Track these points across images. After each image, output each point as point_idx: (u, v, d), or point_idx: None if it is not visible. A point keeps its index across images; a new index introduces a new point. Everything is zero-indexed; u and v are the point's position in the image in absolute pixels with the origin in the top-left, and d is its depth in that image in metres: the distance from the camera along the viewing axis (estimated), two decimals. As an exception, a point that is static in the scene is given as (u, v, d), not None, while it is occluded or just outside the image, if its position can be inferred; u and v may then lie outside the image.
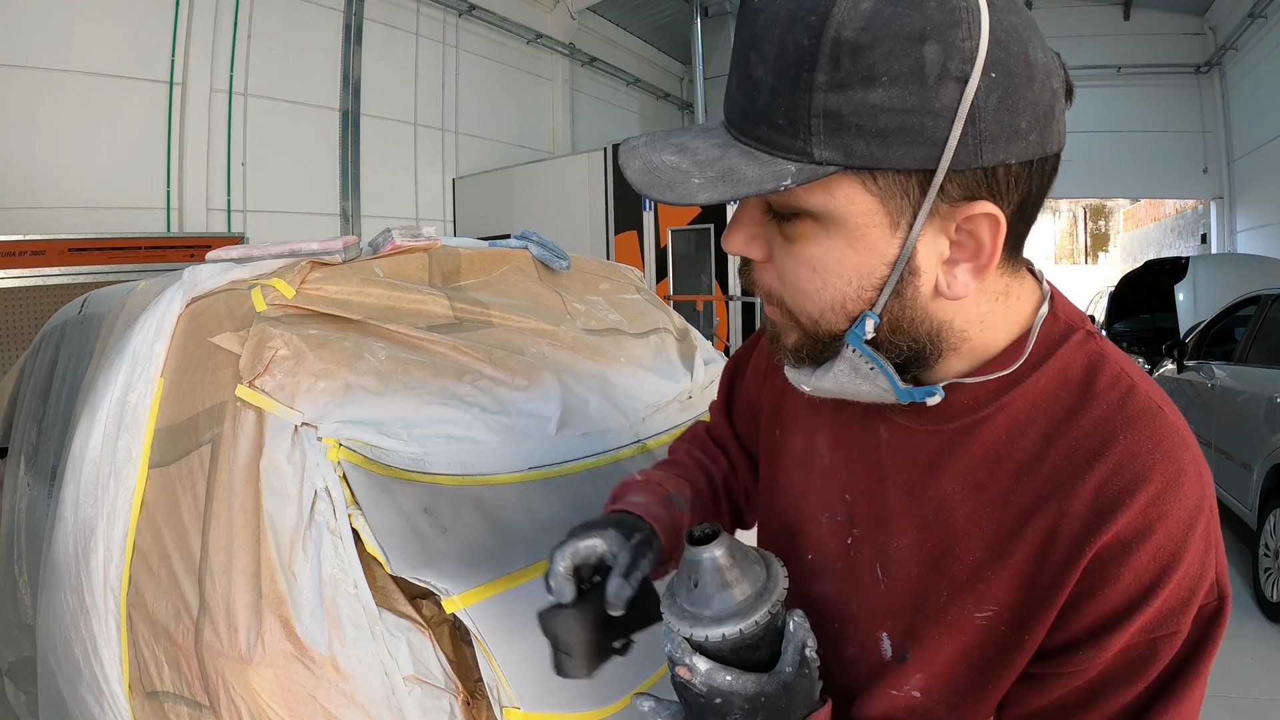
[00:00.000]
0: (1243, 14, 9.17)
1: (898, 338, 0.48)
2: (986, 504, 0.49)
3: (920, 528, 0.52)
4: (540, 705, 0.92)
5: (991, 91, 0.40)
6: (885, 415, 0.55)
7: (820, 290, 0.47)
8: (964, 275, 0.45)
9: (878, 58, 0.39)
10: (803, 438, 0.63)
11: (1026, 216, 0.46)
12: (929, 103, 0.39)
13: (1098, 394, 0.47)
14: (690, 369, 1.59)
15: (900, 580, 0.53)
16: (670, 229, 7.25)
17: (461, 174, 8.99)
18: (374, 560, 0.90)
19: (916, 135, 0.40)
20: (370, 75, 7.69)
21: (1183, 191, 11.58)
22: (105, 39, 5.69)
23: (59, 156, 5.50)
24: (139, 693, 0.97)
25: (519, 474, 1.06)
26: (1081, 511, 0.45)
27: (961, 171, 0.41)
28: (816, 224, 0.45)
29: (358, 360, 1.04)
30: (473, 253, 1.41)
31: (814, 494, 0.60)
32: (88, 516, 1.05)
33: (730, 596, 0.48)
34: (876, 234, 0.44)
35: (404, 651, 0.89)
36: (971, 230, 0.44)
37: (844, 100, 0.40)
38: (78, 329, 1.60)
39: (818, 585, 0.59)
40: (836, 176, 0.42)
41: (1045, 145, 0.43)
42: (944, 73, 0.39)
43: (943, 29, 0.39)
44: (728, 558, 0.49)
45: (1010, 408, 0.49)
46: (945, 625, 0.50)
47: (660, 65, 12.77)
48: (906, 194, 0.42)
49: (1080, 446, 0.46)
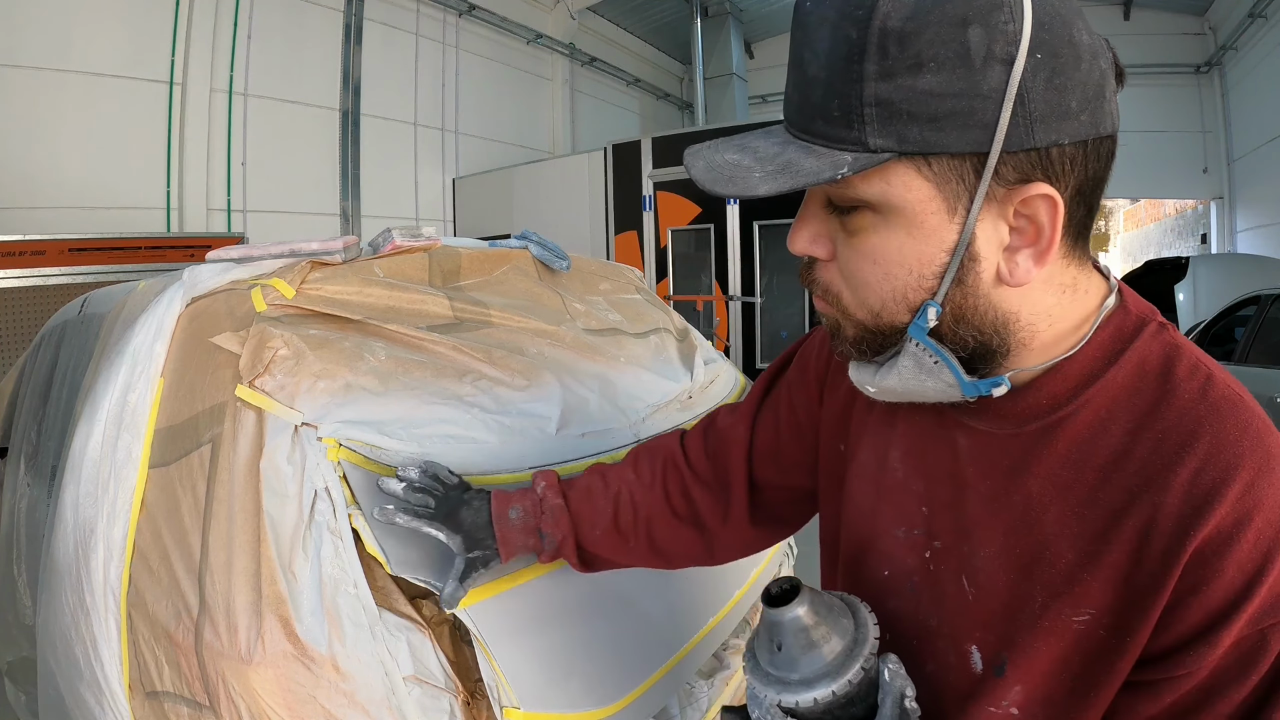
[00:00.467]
0: (1243, 14, 9.17)
1: (962, 329, 0.47)
2: (1075, 504, 0.47)
3: (1007, 534, 0.50)
4: (540, 705, 0.92)
5: (1038, 72, 0.40)
6: (962, 423, 0.53)
7: (883, 281, 0.47)
8: (1025, 261, 0.45)
9: (924, 44, 0.40)
10: (873, 451, 0.61)
11: (1087, 201, 0.46)
12: (977, 85, 0.40)
13: (1178, 385, 0.46)
14: (690, 369, 1.59)
15: (989, 589, 0.51)
16: (670, 229, 7.25)
17: (461, 174, 8.99)
18: (374, 560, 0.90)
19: (967, 118, 0.41)
20: (370, 75, 7.69)
21: (1183, 191, 11.58)
22: (105, 39, 5.69)
23: (59, 156, 5.50)
24: (139, 693, 0.97)
25: (519, 474, 1.06)
26: (1176, 505, 0.44)
27: (1015, 153, 0.42)
28: (876, 215, 0.46)
29: (358, 360, 1.04)
30: (473, 253, 1.41)
31: (888, 508, 0.59)
32: (88, 516, 1.05)
33: (819, 656, 0.46)
34: (935, 220, 0.45)
35: (404, 651, 0.89)
36: (1030, 214, 0.44)
37: (894, 88, 0.41)
38: (78, 329, 1.60)
39: (893, 601, 0.58)
40: (892, 164, 0.43)
41: (1098, 125, 0.43)
42: (989, 55, 0.40)
43: (984, 13, 0.40)
44: (811, 615, 0.47)
45: (1090, 405, 0.48)
46: (1043, 632, 0.48)
47: (660, 65, 12.77)
48: (962, 178, 0.43)
49: (1167, 439, 0.45)
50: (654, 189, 7.29)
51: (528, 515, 0.82)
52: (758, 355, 6.91)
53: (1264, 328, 3.69)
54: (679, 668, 1.15)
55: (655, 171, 7.25)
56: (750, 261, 6.74)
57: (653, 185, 7.28)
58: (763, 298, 6.84)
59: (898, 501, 0.58)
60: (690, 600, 1.24)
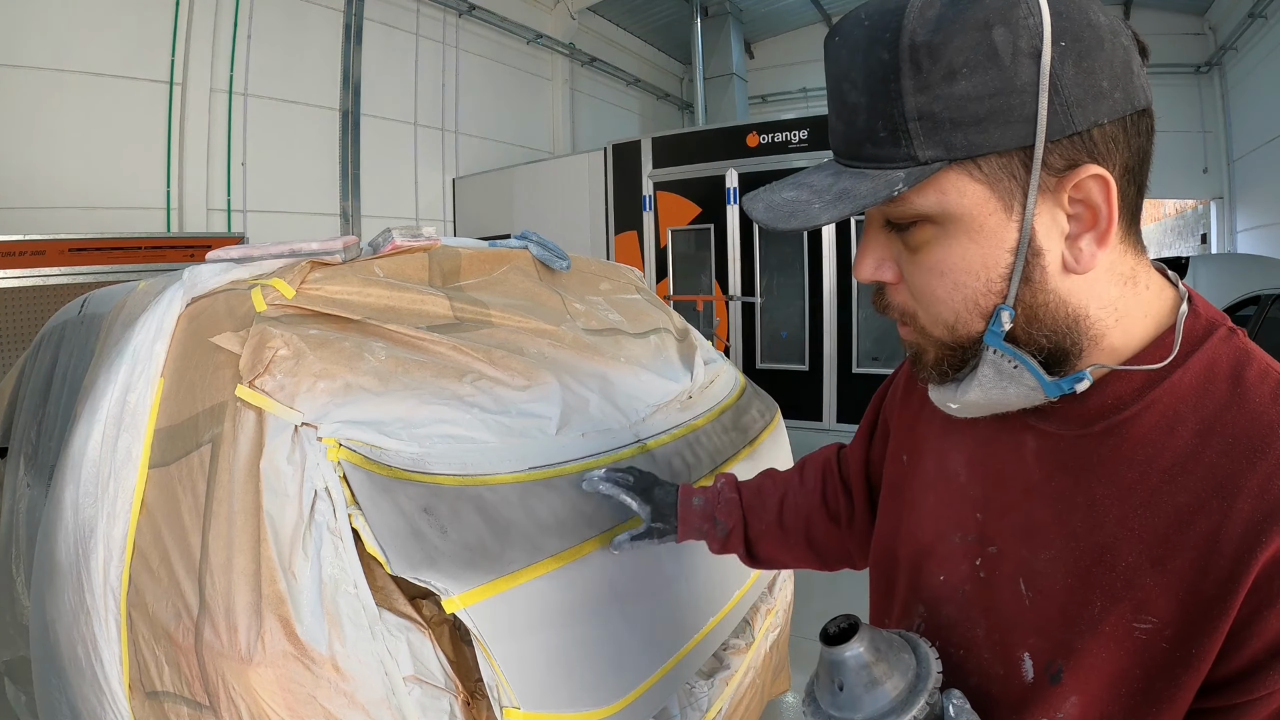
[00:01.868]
0: (1243, 14, 9.16)
1: (1035, 330, 0.48)
2: (1137, 506, 0.46)
3: (1069, 536, 0.49)
4: (540, 705, 0.92)
5: (1066, 59, 0.42)
6: (1030, 425, 0.53)
7: (952, 292, 0.48)
8: (1089, 245, 0.45)
9: (953, 52, 0.42)
10: (934, 459, 0.61)
11: (1135, 179, 0.46)
12: (1011, 82, 0.42)
13: (1249, 388, 0.45)
14: (690, 369, 1.59)
15: (1047, 594, 0.50)
16: (670, 229, 7.25)
17: (461, 174, 8.98)
18: (374, 560, 0.90)
19: (1007, 115, 0.42)
20: (370, 75, 7.69)
21: (1183, 191, 11.57)
22: (105, 39, 5.69)
23: (59, 156, 5.49)
24: (139, 693, 0.97)
25: (519, 474, 1.06)
26: (1246, 512, 0.42)
27: (1059, 141, 0.43)
28: (935, 227, 0.47)
29: (358, 360, 1.04)
30: (473, 253, 1.41)
31: (947, 514, 0.59)
32: (88, 516, 1.05)
33: (883, 693, 0.45)
34: (994, 221, 0.45)
35: (404, 651, 0.89)
36: (1084, 198, 0.44)
37: (933, 99, 0.43)
38: (78, 329, 1.59)
39: (948, 608, 0.57)
40: (944, 172, 0.44)
41: (1133, 100, 0.44)
42: (1017, 51, 0.42)
43: (1004, 12, 0.42)
44: (872, 652, 0.46)
45: (1157, 404, 0.47)
46: (1102, 638, 0.46)
47: (660, 65, 12.76)
48: (1013, 175, 0.44)
49: (1237, 444, 0.44)
50: (654, 189, 7.28)
51: (707, 504, 0.94)
52: (758, 355, 6.90)
53: (1264, 328, 3.69)
54: (679, 668, 1.15)
55: (655, 171, 7.25)
56: (750, 261, 6.73)
57: (653, 185, 7.28)
58: (763, 298, 6.84)
59: (956, 507, 0.58)
60: (690, 601, 1.24)
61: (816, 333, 6.51)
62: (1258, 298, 3.96)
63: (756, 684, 1.53)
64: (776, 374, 6.63)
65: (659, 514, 0.96)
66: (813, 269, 6.39)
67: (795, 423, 6.26)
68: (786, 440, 1.81)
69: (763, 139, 6.57)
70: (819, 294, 6.44)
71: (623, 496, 0.96)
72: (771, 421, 1.76)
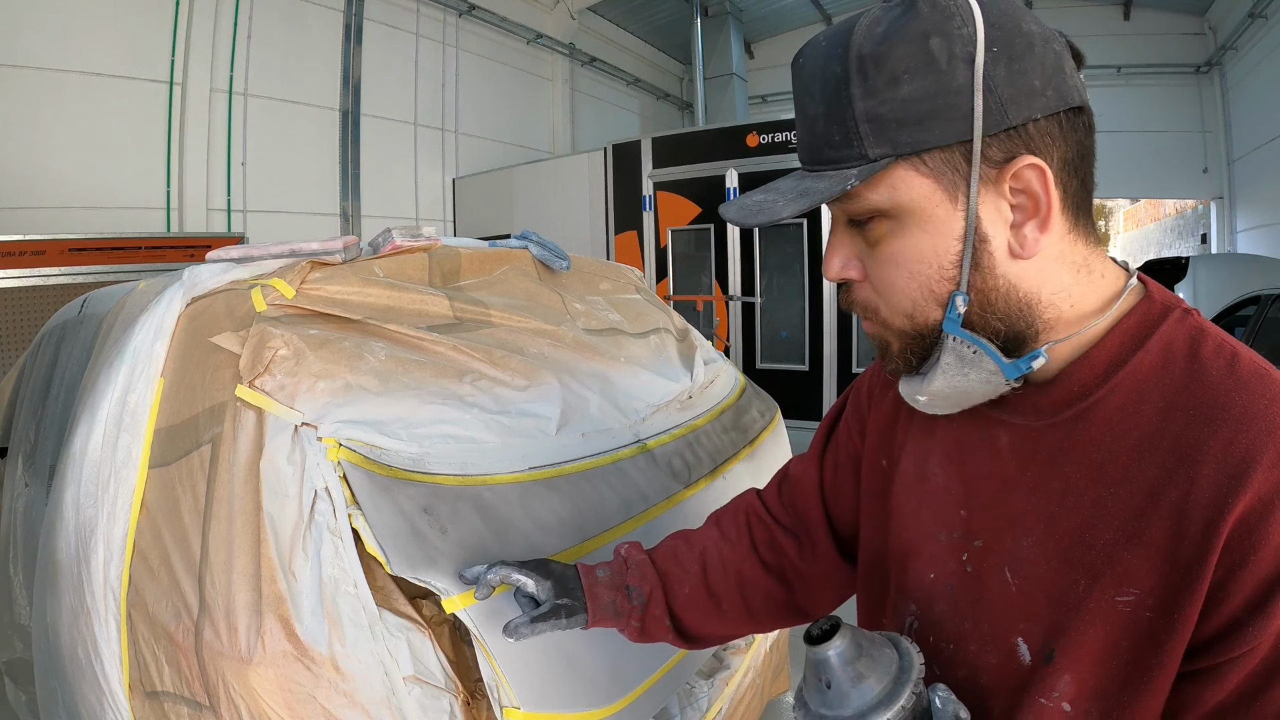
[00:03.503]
0: (1243, 14, 9.16)
1: (989, 314, 0.51)
2: (1111, 485, 0.49)
3: (1048, 521, 0.52)
4: (540, 705, 0.92)
5: (998, 61, 0.46)
6: (1001, 420, 0.56)
7: (909, 281, 0.52)
8: (1031, 231, 0.49)
9: (895, 60, 0.47)
10: (914, 461, 0.64)
11: (1078, 173, 0.50)
12: (948, 84, 0.47)
13: (1205, 364, 0.48)
14: (690, 369, 1.59)
15: (1032, 579, 0.52)
16: (670, 229, 7.25)
17: (461, 174, 8.98)
18: (374, 560, 0.90)
19: (946, 113, 0.47)
20: (370, 75, 7.69)
21: (1183, 191, 11.57)
22: (105, 39, 5.69)
23: (59, 156, 5.49)
24: (139, 692, 0.97)
25: (519, 474, 1.06)
26: (1211, 477, 0.45)
27: (996, 135, 0.47)
28: (890, 220, 0.51)
29: (358, 360, 1.04)
30: (473, 253, 1.41)
31: (930, 514, 0.61)
32: (88, 517, 1.05)
33: (868, 688, 0.47)
34: (941, 211, 0.49)
35: (404, 651, 0.89)
36: (1023, 187, 0.48)
37: (879, 102, 0.48)
38: (78, 329, 1.59)
39: (940, 605, 0.59)
40: (893, 168, 0.49)
41: (1066, 98, 0.48)
42: (952, 56, 0.46)
43: (940, 24, 0.47)
44: (854, 649, 0.48)
45: (1121, 387, 0.50)
46: (1088, 615, 0.49)
47: (660, 65, 12.76)
48: (955, 168, 0.48)
49: (1198, 414, 0.47)
50: (654, 189, 7.28)
51: (614, 574, 0.81)
52: (758, 355, 6.90)
53: (1264, 328, 3.68)
54: (679, 668, 1.15)
55: (655, 171, 7.25)
56: (750, 261, 6.73)
57: (653, 185, 7.28)
58: (763, 298, 6.84)
59: (938, 506, 0.60)
60: (690, 600, 1.24)
61: (816, 333, 6.50)
62: (1258, 298, 3.96)
63: (756, 684, 1.53)
64: (776, 374, 6.63)
65: (562, 589, 0.79)
66: (813, 269, 6.39)
67: (795, 423, 6.25)
68: (786, 440, 1.81)
69: (763, 139, 6.57)
70: (819, 294, 6.44)
71: (515, 575, 0.79)
72: (771, 421, 1.76)
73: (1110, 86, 10.68)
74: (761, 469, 1.57)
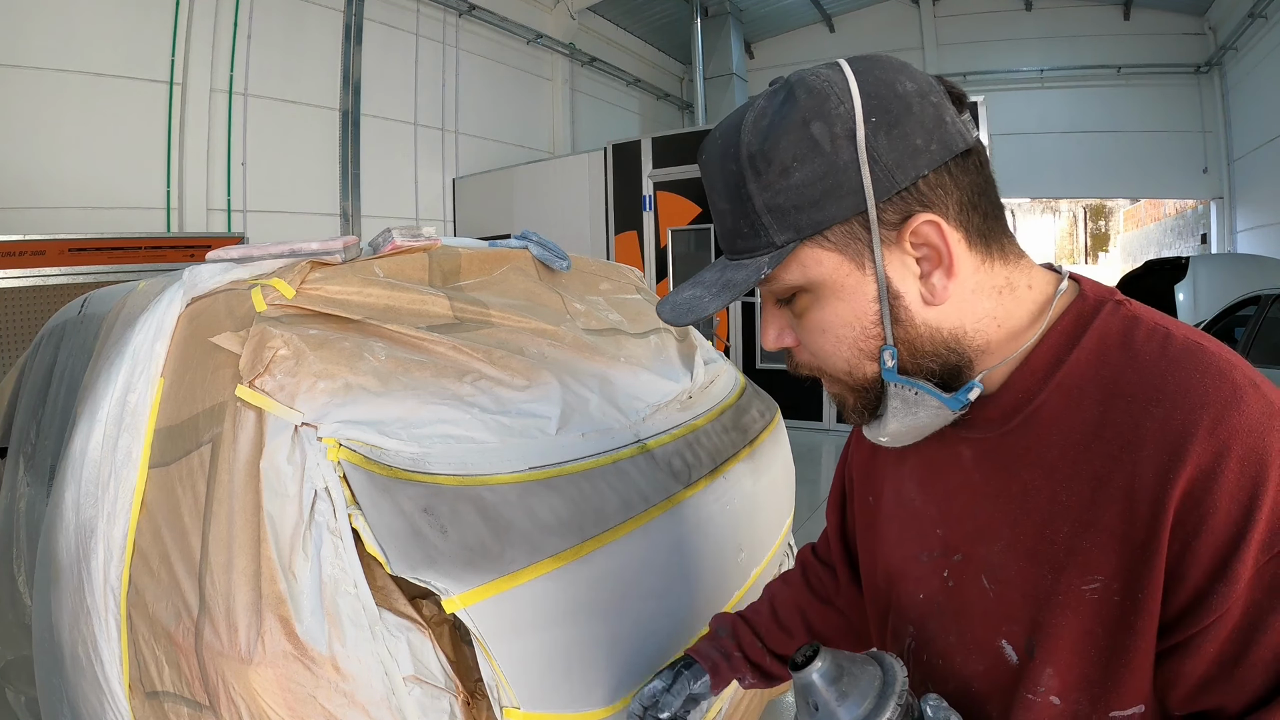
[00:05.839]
0: (1243, 14, 9.16)
1: (920, 358, 0.54)
2: (1063, 479, 0.50)
3: (1012, 524, 0.54)
4: (540, 705, 0.92)
5: (879, 131, 0.49)
6: (963, 437, 0.58)
7: (838, 345, 0.55)
8: (940, 279, 0.52)
9: (782, 152, 0.50)
10: (892, 490, 0.67)
11: (981, 209, 0.52)
12: (834, 163, 0.49)
13: (1138, 349, 0.50)
14: (690, 369, 1.59)
15: (1006, 582, 0.54)
16: (670, 229, 7.25)
17: (461, 174, 8.99)
18: (374, 560, 0.90)
19: (838, 191, 0.50)
20: (370, 75, 7.69)
21: (1183, 191, 11.57)
22: (105, 39, 5.69)
23: (59, 156, 5.49)
24: (139, 692, 0.97)
25: (519, 474, 1.06)
26: (1153, 457, 0.46)
27: (890, 200, 0.50)
28: (809, 294, 0.55)
29: (358, 360, 1.04)
30: (473, 253, 1.41)
31: (910, 537, 0.63)
32: (88, 517, 1.05)
33: (854, 705, 0.49)
34: (852, 280, 0.53)
35: (404, 651, 0.89)
36: (923, 241, 0.51)
37: (775, 194, 0.51)
38: (78, 329, 1.59)
39: (933, 622, 0.61)
40: (800, 249, 0.52)
41: (950, 148, 0.50)
42: (834, 137, 0.49)
43: (817, 108, 0.49)
44: (835, 669, 0.50)
45: (1061, 386, 0.52)
46: (1059, 608, 0.50)
47: (660, 65, 12.76)
48: (857, 237, 0.51)
49: (1135, 399, 0.48)
50: (654, 189, 7.28)
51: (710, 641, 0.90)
52: (757, 355, 6.90)
53: (1264, 328, 3.68)
54: (679, 668, 1.15)
55: (655, 171, 7.25)
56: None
57: (653, 185, 7.28)
58: (763, 298, 6.83)
59: (917, 529, 0.63)
60: (690, 600, 1.24)
61: (816, 333, 6.49)
62: (1258, 298, 3.96)
63: (756, 684, 1.53)
64: (776, 374, 6.63)
65: None
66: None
67: (795, 423, 6.25)
68: (786, 440, 1.81)
69: (763, 139, 6.56)
70: (819, 294, 6.43)
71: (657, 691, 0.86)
72: (771, 421, 1.76)
73: (1110, 86, 10.69)
74: (761, 469, 1.57)
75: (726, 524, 1.36)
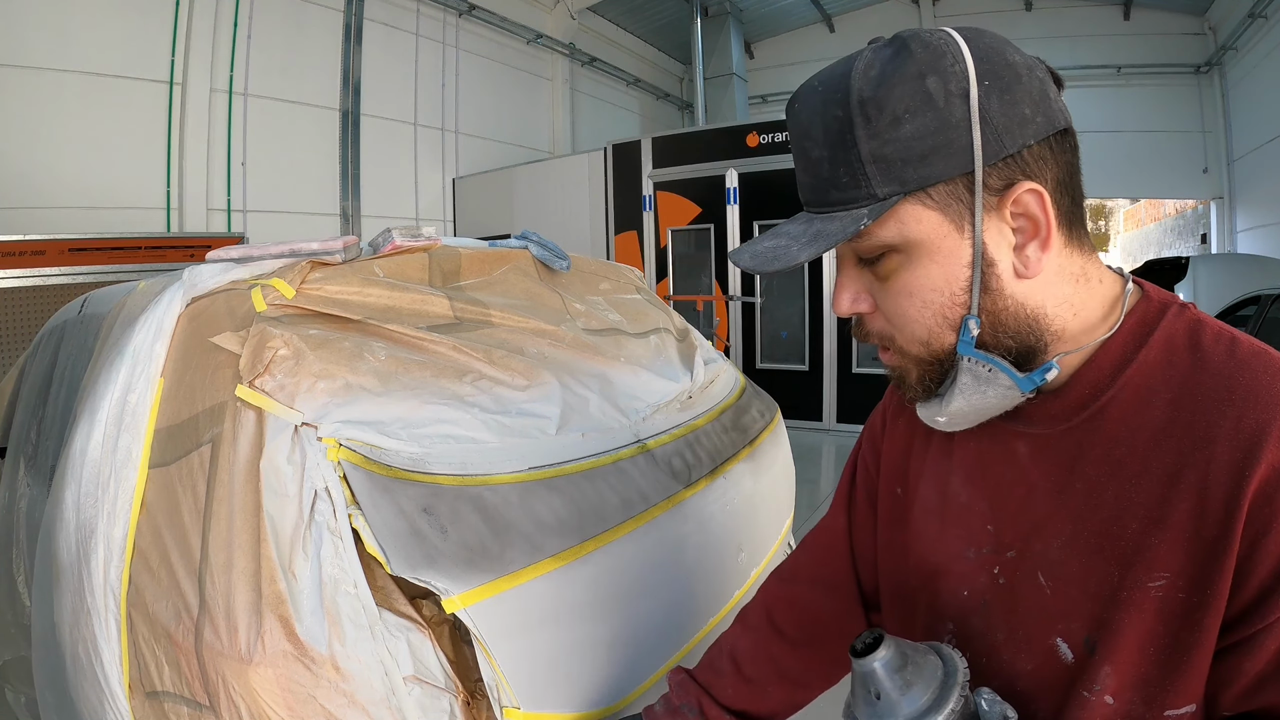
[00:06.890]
0: (1243, 14, 9.16)
1: (1000, 333, 0.53)
2: (1131, 477, 0.50)
3: (1074, 520, 0.53)
4: (540, 705, 0.92)
5: (991, 94, 0.49)
6: (1019, 432, 0.58)
7: (923, 310, 0.54)
8: (1034, 251, 0.52)
9: (895, 101, 0.49)
10: (933, 485, 0.65)
11: (1070, 191, 0.52)
12: (947, 120, 0.49)
13: (1206, 352, 0.51)
14: (690, 369, 1.59)
15: (1066, 579, 0.53)
16: (670, 229, 7.25)
17: (461, 174, 8.99)
18: (374, 560, 0.90)
19: (948, 148, 0.49)
20: (370, 75, 7.70)
21: (1183, 191, 11.57)
22: (105, 39, 5.69)
23: (59, 156, 5.50)
24: (139, 693, 0.97)
25: (519, 474, 1.06)
26: (1225, 454, 0.46)
27: (995, 164, 0.50)
28: (900, 254, 0.53)
29: (358, 360, 1.04)
30: (473, 253, 1.41)
31: (954, 534, 0.62)
32: (88, 517, 1.05)
33: (916, 695, 0.48)
34: (949, 243, 0.52)
35: (404, 651, 0.89)
36: (1023, 211, 0.51)
37: (884, 143, 0.50)
38: (78, 329, 1.59)
39: (976, 619, 0.60)
40: (901, 204, 0.51)
41: (1053, 122, 0.51)
42: (948, 94, 0.49)
43: (934, 63, 0.49)
44: (899, 657, 0.50)
45: (1129, 384, 0.52)
46: (1123, 605, 0.50)
47: (660, 65, 12.77)
48: (959, 199, 0.51)
49: (1206, 399, 0.49)
50: (654, 189, 7.29)
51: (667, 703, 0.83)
52: (757, 355, 6.90)
53: (1264, 328, 3.69)
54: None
55: (655, 171, 7.25)
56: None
57: (653, 185, 7.29)
58: (763, 298, 6.84)
59: (964, 524, 0.61)
60: (690, 600, 1.24)
61: (816, 333, 6.51)
62: (1258, 298, 3.96)
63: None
64: (776, 374, 6.63)
65: None
66: (812, 269, 6.39)
67: (795, 423, 6.26)
68: (786, 440, 1.81)
69: (763, 139, 6.57)
70: (819, 294, 6.44)
71: None
72: (771, 421, 1.76)
73: (1110, 86, 10.69)
74: (761, 469, 1.57)
75: (727, 524, 1.36)
